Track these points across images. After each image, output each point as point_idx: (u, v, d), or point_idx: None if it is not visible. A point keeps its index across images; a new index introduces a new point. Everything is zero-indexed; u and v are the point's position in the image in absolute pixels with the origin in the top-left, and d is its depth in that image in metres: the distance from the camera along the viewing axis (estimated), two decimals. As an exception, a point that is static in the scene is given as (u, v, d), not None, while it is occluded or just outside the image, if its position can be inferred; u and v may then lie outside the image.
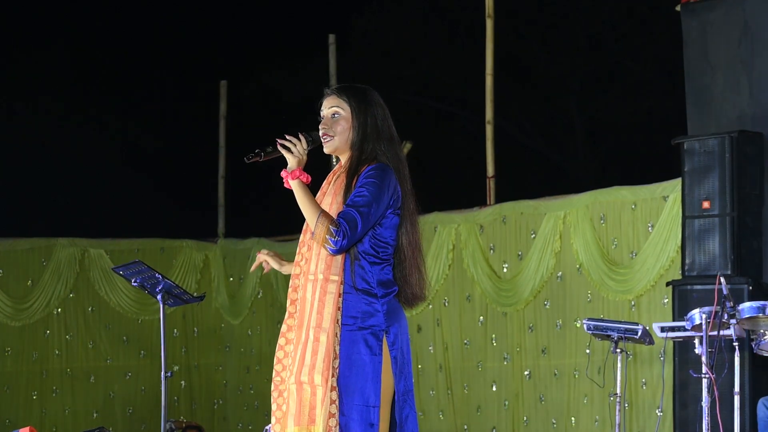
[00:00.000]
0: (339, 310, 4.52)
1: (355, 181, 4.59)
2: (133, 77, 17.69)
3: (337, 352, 4.52)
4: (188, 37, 18.05)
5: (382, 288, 4.58)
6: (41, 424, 11.84)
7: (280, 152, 4.57)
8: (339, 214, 4.51)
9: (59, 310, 12.07)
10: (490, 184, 10.96)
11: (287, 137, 4.57)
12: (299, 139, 4.58)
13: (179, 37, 17.93)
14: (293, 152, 4.56)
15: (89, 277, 12.20)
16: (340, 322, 4.53)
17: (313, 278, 4.57)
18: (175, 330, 12.68)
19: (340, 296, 4.53)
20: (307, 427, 4.51)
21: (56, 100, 17.08)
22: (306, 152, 4.59)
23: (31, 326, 11.95)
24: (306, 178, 4.57)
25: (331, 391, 4.48)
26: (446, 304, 10.83)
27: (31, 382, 11.96)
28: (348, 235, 4.47)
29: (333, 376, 4.49)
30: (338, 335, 4.52)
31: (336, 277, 4.53)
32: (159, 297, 7.47)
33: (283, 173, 4.56)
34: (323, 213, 4.50)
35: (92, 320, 12.24)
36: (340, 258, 4.54)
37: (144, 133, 17.51)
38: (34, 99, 16.72)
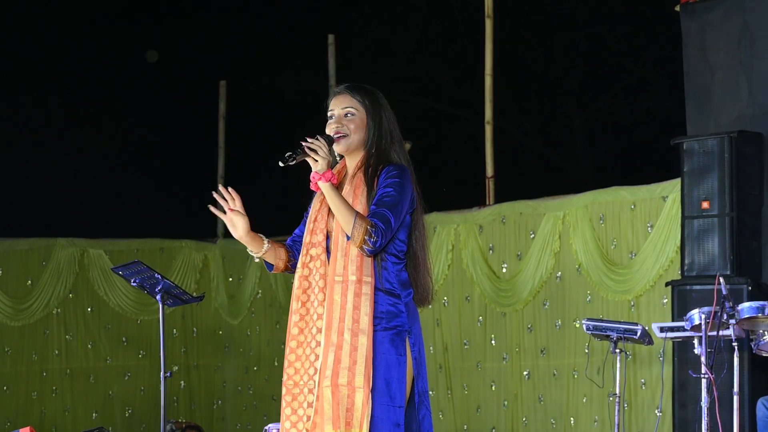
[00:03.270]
0: (373, 309, 4.50)
1: (375, 182, 4.57)
2: (132, 76, 17.68)
3: None
4: (188, 37, 18.04)
5: (403, 288, 4.58)
6: (41, 424, 11.84)
7: (307, 155, 4.53)
8: (371, 214, 4.49)
9: (59, 310, 12.07)
10: (490, 185, 10.96)
11: (311, 140, 4.53)
12: (321, 141, 4.54)
13: (179, 37, 17.92)
14: (321, 154, 4.52)
15: (89, 277, 12.20)
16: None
17: (340, 279, 4.52)
18: (175, 330, 12.68)
19: (373, 297, 4.51)
20: (345, 430, 4.46)
21: (56, 100, 17.07)
22: (329, 153, 4.57)
23: (30, 326, 11.95)
24: (335, 179, 4.54)
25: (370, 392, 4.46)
26: (446, 304, 10.83)
27: (30, 382, 11.96)
28: (385, 235, 4.47)
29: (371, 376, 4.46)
30: None
31: (369, 279, 4.51)
32: (158, 297, 7.48)
33: (313, 176, 4.52)
34: (359, 215, 4.48)
35: (92, 320, 12.24)
36: (369, 259, 4.52)
37: (143, 133, 17.50)
38: (33, 99, 16.71)
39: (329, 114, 4.69)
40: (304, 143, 4.53)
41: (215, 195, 4.68)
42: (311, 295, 4.60)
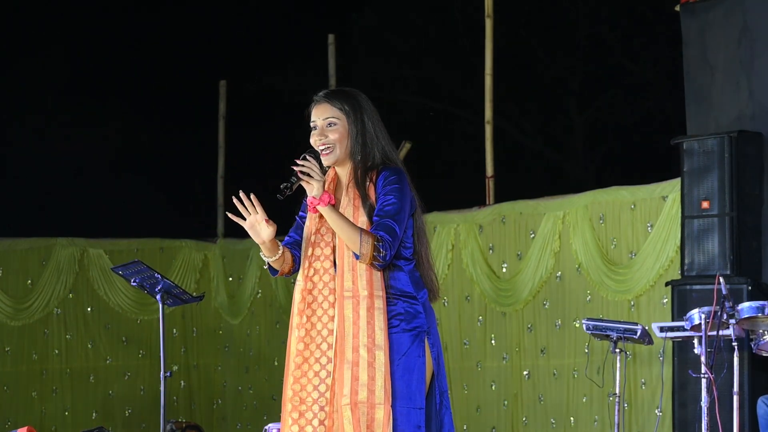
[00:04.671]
0: (387, 322, 4.45)
1: (371, 188, 4.51)
2: (132, 76, 17.69)
3: None
4: (188, 36, 18.04)
5: (418, 289, 4.55)
6: (41, 424, 11.84)
7: (301, 179, 4.42)
8: (375, 227, 4.42)
9: (59, 310, 12.07)
10: (490, 184, 10.96)
11: (301, 163, 4.42)
12: (311, 162, 4.44)
13: (179, 37, 17.92)
14: (314, 177, 4.42)
15: (88, 277, 12.20)
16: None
17: (350, 295, 4.44)
18: (175, 330, 12.68)
19: (386, 311, 4.45)
20: None
21: (56, 100, 17.08)
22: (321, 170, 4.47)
23: (30, 326, 11.95)
24: (333, 200, 4.44)
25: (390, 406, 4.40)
26: (445, 304, 10.83)
27: (30, 382, 11.96)
28: (392, 246, 4.41)
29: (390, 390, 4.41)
30: None
31: (380, 292, 4.44)
32: (158, 297, 7.48)
33: (310, 201, 4.42)
34: (363, 232, 4.39)
35: (92, 320, 12.24)
36: (378, 272, 4.45)
37: (143, 133, 17.51)
38: (33, 99, 16.72)
39: (312, 125, 4.60)
40: (295, 168, 4.43)
41: (236, 201, 4.51)
42: (317, 310, 4.52)
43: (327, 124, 4.57)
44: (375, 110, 4.63)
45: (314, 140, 4.57)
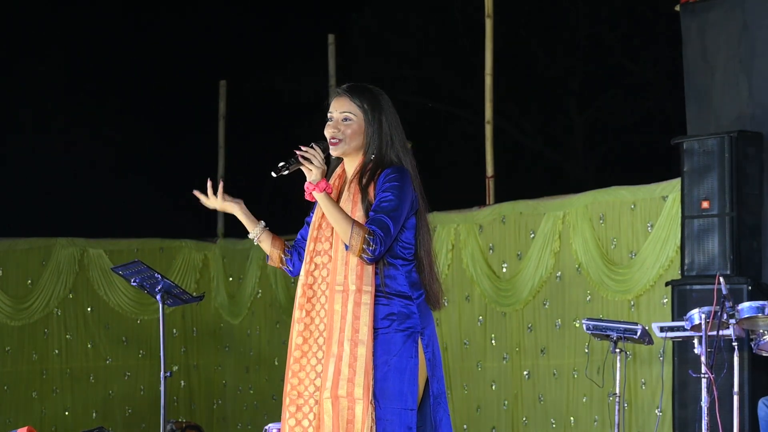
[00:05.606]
0: (373, 319, 4.43)
1: (372, 186, 4.50)
2: (132, 76, 17.69)
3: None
4: (188, 36, 18.04)
5: (414, 289, 4.51)
6: (41, 423, 11.84)
7: (301, 164, 4.44)
8: (369, 221, 4.41)
9: (59, 310, 12.07)
10: (490, 184, 10.96)
11: (305, 149, 4.45)
12: (315, 150, 4.46)
13: (179, 37, 17.92)
14: (315, 163, 4.43)
15: (88, 277, 12.20)
16: (374, 330, 4.43)
17: (341, 289, 4.45)
18: (175, 330, 12.67)
19: (374, 305, 4.43)
20: None
21: (56, 100, 17.07)
22: (325, 160, 4.49)
23: (30, 326, 11.95)
24: (330, 188, 4.46)
25: (370, 403, 4.39)
26: (445, 304, 10.80)
27: (30, 381, 11.96)
28: (384, 242, 4.39)
29: (371, 386, 4.40)
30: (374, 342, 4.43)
31: (369, 288, 4.43)
32: (158, 297, 7.48)
33: (307, 186, 4.44)
34: (356, 223, 4.39)
35: (91, 320, 12.24)
36: (370, 266, 4.44)
37: (143, 133, 17.51)
38: (33, 99, 16.72)
39: (329, 115, 4.60)
40: (297, 152, 4.45)
41: (196, 192, 4.85)
42: (316, 304, 4.52)
43: (343, 118, 4.56)
44: (395, 113, 4.62)
45: (328, 132, 4.58)
